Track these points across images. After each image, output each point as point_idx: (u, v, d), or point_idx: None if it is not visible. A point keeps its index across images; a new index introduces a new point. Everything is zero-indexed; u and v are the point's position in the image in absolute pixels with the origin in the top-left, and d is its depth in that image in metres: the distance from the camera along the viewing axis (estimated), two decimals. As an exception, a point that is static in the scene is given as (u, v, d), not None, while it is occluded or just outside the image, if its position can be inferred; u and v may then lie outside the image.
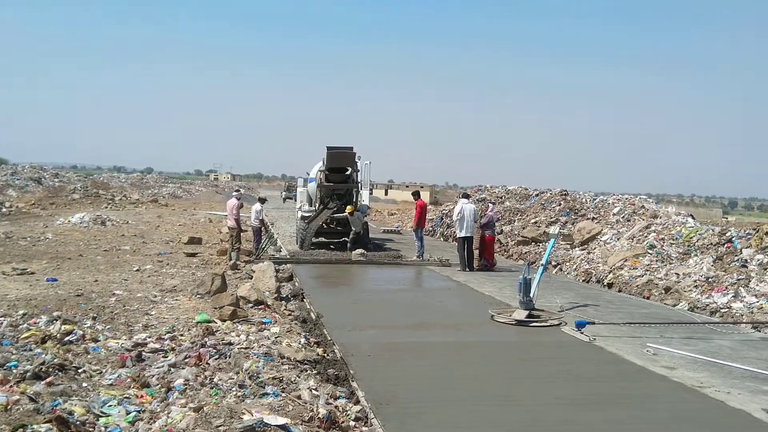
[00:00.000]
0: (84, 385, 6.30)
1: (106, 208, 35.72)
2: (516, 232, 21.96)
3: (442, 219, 28.69)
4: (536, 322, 10.13)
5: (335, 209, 19.54)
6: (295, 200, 26.19)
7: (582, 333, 9.26)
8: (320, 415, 5.33)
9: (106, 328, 8.68)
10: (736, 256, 13.74)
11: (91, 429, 5.22)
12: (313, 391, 6.10)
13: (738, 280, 12.60)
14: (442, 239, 26.65)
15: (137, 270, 14.16)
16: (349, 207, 19.14)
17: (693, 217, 19.19)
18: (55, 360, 6.81)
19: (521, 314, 10.18)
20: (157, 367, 6.89)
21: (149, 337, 8.13)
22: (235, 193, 18.68)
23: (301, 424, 5.15)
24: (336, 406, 5.86)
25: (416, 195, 19.68)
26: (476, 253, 16.68)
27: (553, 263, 17.67)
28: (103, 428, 5.27)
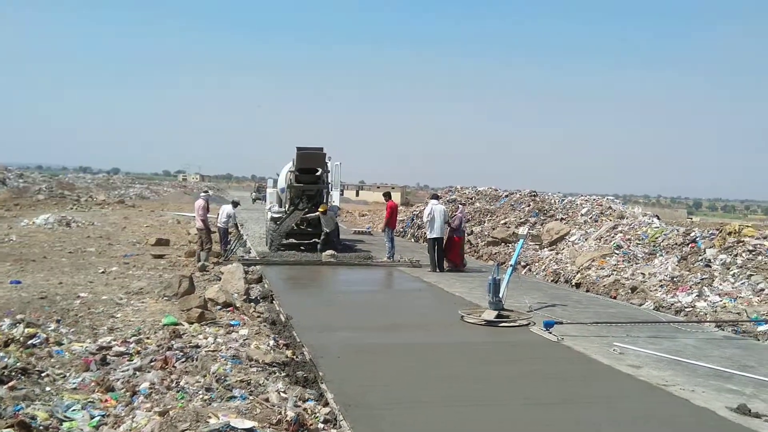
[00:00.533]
0: (47, 389, 6.18)
1: (72, 209, 35.09)
2: (486, 233, 22.10)
3: (412, 220, 28.75)
4: (505, 322, 10.19)
5: (306, 210, 19.51)
6: (265, 201, 26.06)
7: (550, 333, 9.34)
8: (288, 418, 5.28)
9: (70, 331, 8.53)
10: (700, 256, 13.99)
11: (54, 434, 5.12)
12: (282, 394, 6.05)
13: (702, 279, 12.83)
14: (412, 240, 26.70)
15: (103, 272, 13.94)
16: (322, 206, 19.26)
17: (658, 218, 19.54)
18: (18, 364, 6.66)
19: (490, 314, 10.23)
20: (122, 371, 6.78)
21: (114, 340, 8.00)
22: (203, 194, 18.53)
23: (269, 427, 5.10)
24: (305, 409, 5.82)
25: (387, 196, 19.68)
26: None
27: (522, 264, 17.81)
28: (66, 433, 5.17)
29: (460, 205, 21.52)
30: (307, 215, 19.46)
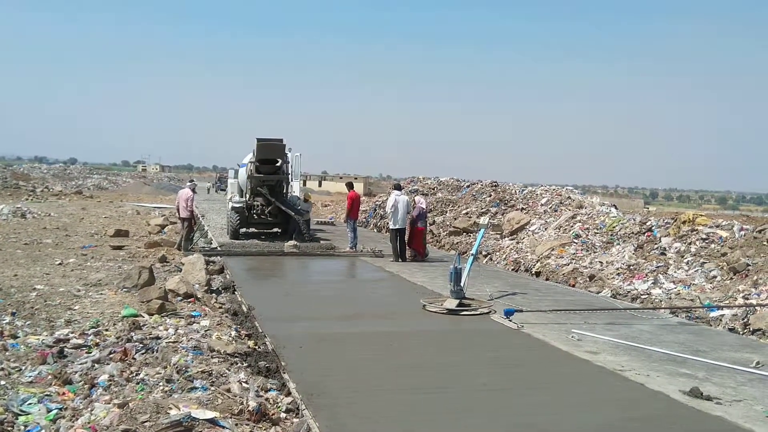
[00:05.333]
0: (2, 382, 6.06)
1: (27, 200, 34.36)
2: (447, 223, 22.24)
3: (375, 210, 28.77)
4: (466, 310, 10.30)
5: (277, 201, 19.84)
6: (219, 191, 26.10)
7: (510, 320, 9.47)
8: (250, 408, 5.27)
9: (26, 323, 8.35)
10: (656, 244, 14.32)
11: (9, 428, 5.03)
12: (244, 384, 6.03)
13: (657, 267, 13.13)
14: (375, 230, 26.74)
15: (60, 264, 13.66)
16: (306, 194, 21.08)
17: (616, 207, 19.88)
18: (-29, 358, 6.52)
19: (452, 303, 10.33)
20: (80, 363, 6.67)
21: (72, 333, 7.86)
22: (188, 184, 18.45)
23: (230, 418, 5.09)
24: (267, 399, 5.81)
25: (349, 186, 19.74)
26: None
27: (483, 253, 17.99)
28: (22, 427, 5.08)
29: (419, 197, 21.54)
30: (270, 204, 19.79)
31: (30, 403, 5.51)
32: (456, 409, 5.87)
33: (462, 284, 10.54)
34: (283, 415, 5.56)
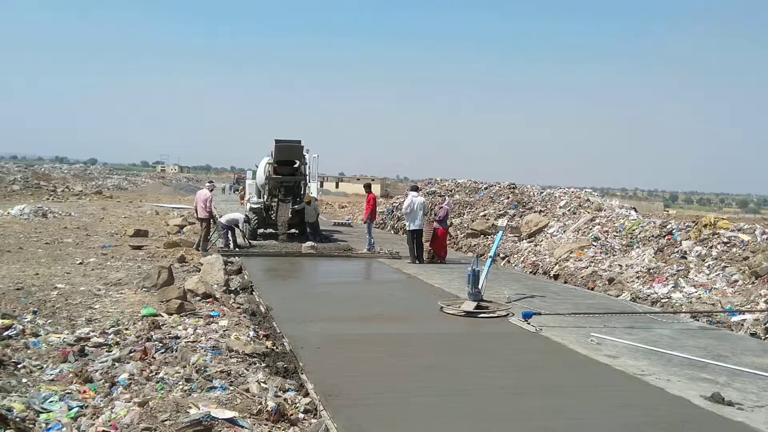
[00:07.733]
0: (24, 380, 6.12)
1: (48, 199, 34.68)
2: (465, 225, 22.18)
3: (392, 212, 28.77)
4: (484, 313, 10.26)
5: (292, 201, 19.85)
6: (234, 192, 26.26)
7: (529, 323, 9.42)
8: (269, 408, 5.29)
9: (47, 322, 8.43)
10: (676, 248, 14.16)
11: (31, 425, 5.08)
12: (262, 384, 6.06)
13: (678, 271, 12.99)
14: (392, 232, 26.74)
15: (80, 263, 13.78)
16: (306, 196, 20.17)
17: (636, 210, 19.73)
18: (-7, 356, 6.58)
19: (470, 306, 10.30)
20: (101, 362, 6.73)
21: (93, 332, 7.93)
22: (207, 184, 18.67)
23: (249, 417, 5.11)
24: (285, 399, 5.83)
25: (367, 188, 19.78)
26: (426, 245, 16.79)
27: (501, 255, 17.93)
28: (43, 424, 5.13)
29: (446, 197, 21.62)
30: (295, 206, 19.86)
31: (51, 401, 5.57)
32: (473, 411, 5.85)
33: (480, 287, 10.50)
34: (301, 415, 5.57)
